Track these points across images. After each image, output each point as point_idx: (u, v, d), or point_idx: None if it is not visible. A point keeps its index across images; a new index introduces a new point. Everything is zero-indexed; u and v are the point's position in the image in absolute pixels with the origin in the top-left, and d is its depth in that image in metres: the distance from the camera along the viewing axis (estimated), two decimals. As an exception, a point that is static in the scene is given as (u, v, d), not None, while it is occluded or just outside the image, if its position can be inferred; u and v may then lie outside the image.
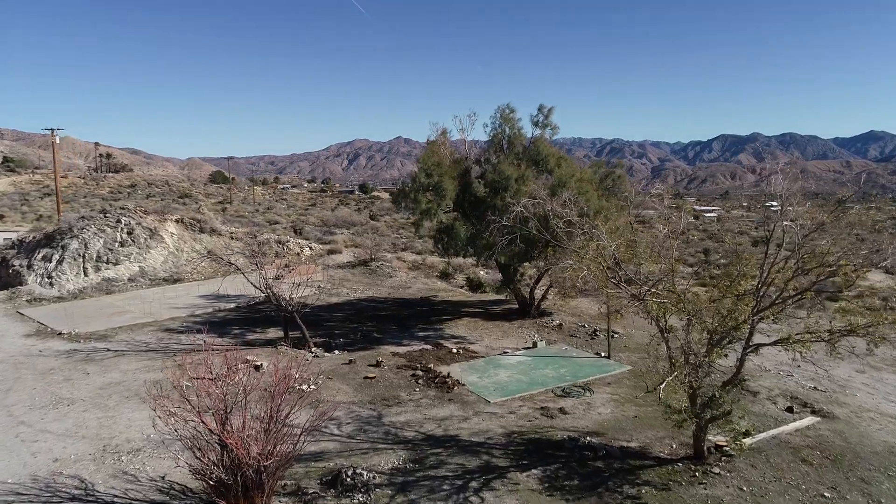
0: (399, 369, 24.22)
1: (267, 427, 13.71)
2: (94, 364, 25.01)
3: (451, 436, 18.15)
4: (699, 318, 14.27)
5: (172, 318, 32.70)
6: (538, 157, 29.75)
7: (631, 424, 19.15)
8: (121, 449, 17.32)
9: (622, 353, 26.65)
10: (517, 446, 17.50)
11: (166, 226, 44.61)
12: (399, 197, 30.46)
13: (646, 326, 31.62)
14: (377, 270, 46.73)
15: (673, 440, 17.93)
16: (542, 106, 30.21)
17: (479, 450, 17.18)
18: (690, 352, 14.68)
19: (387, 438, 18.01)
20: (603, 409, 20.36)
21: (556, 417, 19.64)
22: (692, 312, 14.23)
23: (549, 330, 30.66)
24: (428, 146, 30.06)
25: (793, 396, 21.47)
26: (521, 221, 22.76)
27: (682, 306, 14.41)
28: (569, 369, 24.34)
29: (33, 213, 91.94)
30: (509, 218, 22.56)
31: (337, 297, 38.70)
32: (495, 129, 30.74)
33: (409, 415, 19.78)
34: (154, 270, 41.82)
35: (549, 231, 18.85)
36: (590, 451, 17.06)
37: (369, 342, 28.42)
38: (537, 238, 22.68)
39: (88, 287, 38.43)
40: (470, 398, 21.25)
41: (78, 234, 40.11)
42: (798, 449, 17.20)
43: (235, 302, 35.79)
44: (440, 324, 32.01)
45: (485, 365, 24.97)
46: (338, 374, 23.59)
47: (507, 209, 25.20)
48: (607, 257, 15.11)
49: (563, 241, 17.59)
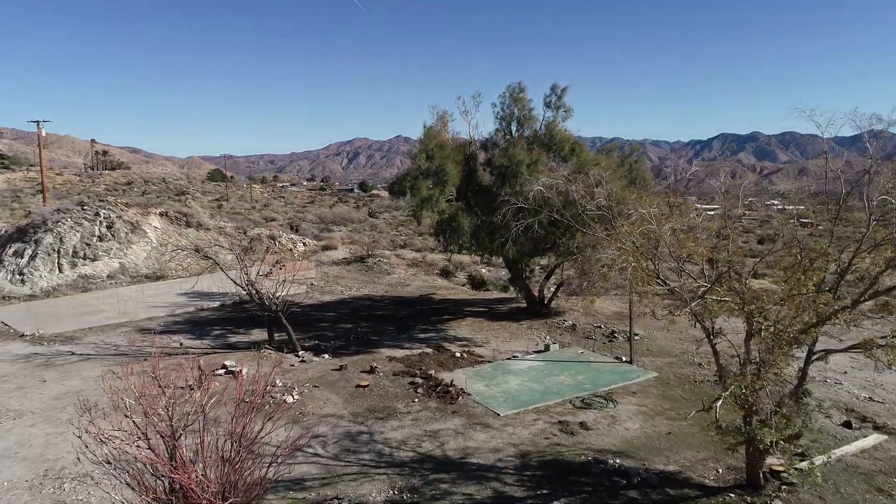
0: (396, 376, 21.49)
1: (228, 455, 10.98)
2: (54, 370, 22.30)
3: (455, 457, 15.43)
4: (765, 319, 11.46)
5: (149, 318, 30.00)
6: (551, 143, 27.02)
7: (665, 442, 16.41)
8: (65, 474, 14.63)
9: (645, 357, 23.91)
10: (534, 470, 14.77)
11: (149, 219, 41.88)
12: (397, 185, 27.70)
13: (668, 327, 28.99)
14: (374, 267, 44.01)
15: (718, 462, 15.19)
16: (555, 85, 27.42)
17: (488, 475, 14.45)
18: (749, 360, 11.88)
19: (379, 461, 15.28)
20: (630, 424, 17.62)
21: (576, 434, 16.91)
22: (757, 312, 11.41)
23: (561, 331, 27.92)
24: (426, 132, 27.16)
25: (848, 409, 18.73)
26: (539, 205, 19.98)
27: (746, 306, 11.60)
28: (587, 376, 21.60)
29: (23, 210, 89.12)
30: (525, 199, 19.73)
31: (330, 296, 35.96)
32: (504, 111, 27.96)
33: (407, 430, 17.06)
34: (136, 267, 39.09)
35: (574, 216, 16.13)
36: (621, 476, 14.33)
37: (364, 345, 25.69)
38: (559, 222, 19.85)
39: (63, 284, 35.72)
40: (476, 410, 18.53)
41: (53, 227, 37.39)
42: (870, 475, 14.44)
43: (220, 300, 33.08)
44: (442, 324, 29.27)
45: (492, 371, 22.24)
46: (326, 382, 20.86)
47: (517, 197, 22.46)
48: (651, 247, 12.30)
49: (592, 227, 14.78)
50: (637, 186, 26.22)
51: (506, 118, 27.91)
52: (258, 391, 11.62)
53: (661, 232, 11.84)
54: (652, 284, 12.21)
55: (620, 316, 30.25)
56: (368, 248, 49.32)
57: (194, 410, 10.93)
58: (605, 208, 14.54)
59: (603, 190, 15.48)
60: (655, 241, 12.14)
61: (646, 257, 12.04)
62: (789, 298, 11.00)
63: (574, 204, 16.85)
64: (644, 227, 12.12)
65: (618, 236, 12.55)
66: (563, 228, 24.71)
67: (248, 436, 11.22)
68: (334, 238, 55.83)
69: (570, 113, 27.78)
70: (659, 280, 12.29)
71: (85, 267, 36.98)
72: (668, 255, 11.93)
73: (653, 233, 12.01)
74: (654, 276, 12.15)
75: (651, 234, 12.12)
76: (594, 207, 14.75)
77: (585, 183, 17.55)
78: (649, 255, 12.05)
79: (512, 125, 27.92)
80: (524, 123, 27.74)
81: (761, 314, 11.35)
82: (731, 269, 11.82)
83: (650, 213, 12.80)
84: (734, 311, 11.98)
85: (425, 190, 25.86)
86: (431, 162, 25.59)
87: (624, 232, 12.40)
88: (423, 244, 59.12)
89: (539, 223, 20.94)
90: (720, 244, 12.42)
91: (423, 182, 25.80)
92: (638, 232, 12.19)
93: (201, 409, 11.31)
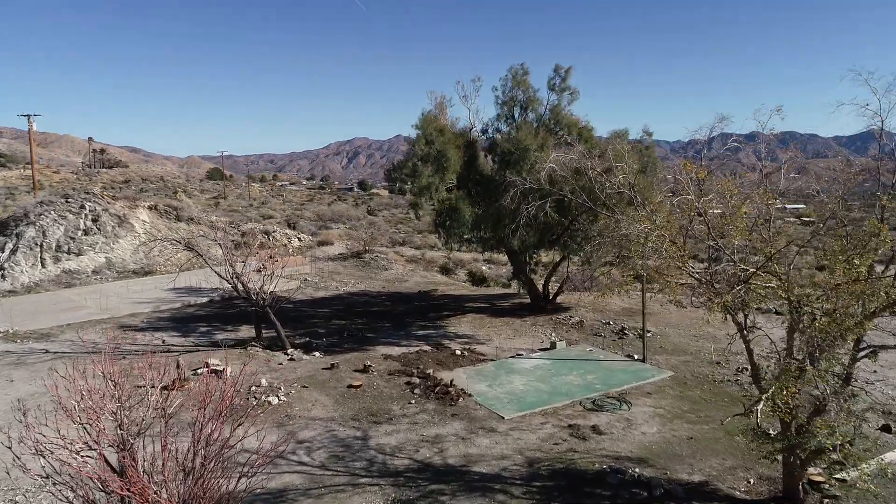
0: (391, 375, 19.94)
1: (192, 465, 9.43)
2: (24, 369, 20.77)
3: (456, 465, 13.88)
4: (820, 305, 9.83)
5: (132, 314, 28.45)
6: (557, 128, 25.46)
7: (687, 448, 14.86)
8: (19, 485, 13.08)
9: (659, 355, 22.34)
10: (544, 480, 13.23)
11: (137, 213, 40.30)
12: (396, 172, 26.10)
13: (681, 324, 27.41)
14: (371, 263, 42.43)
15: (748, 472, 13.66)
16: (558, 66, 25.89)
17: (493, 486, 12.91)
18: (793, 356, 10.30)
19: (371, 469, 13.73)
20: (647, 428, 16.07)
21: (589, 439, 15.36)
22: (807, 299, 9.80)
23: (567, 328, 26.35)
24: (424, 116, 25.47)
25: (885, 411, 17.22)
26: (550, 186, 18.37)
27: (794, 292, 9.97)
28: (598, 375, 20.04)
29: (15, 207, 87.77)
30: (537, 180, 18.12)
31: (324, 292, 34.38)
32: (506, 95, 26.34)
33: (402, 435, 15.50)
34: (123, 262, 37.52)
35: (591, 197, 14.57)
36: (641, 488, 12.79)
37: (357, 342, 24.14)
38: (568, 210, 18.26)
39: (46, 280, 34.16)
40: (479, 413, 16.98)
41: (35, 220, 35.82)
42: (922, 486, 12.88)
43: (208, 296, 31.53)
44: (441, 320, 27.72)
45: (495, 370, 20.68)
46: (316, 382, 19.30)
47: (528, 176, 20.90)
48: (685, 225, 10.68)
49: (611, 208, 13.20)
50: (648, 174, 24.61)
51: (508, 102, 26.29)
52: (227, 392, 10.05)
53: (704, 201, 10.17)
54: (685, 267, 10.57)
55: (630, 312, 28.68)
56: (366, 243, 47.75)
57: (151, 414, 9.41)
58: (627, 186, 12.94)
59: (626, 165, 13.84)
60: (690, 216, 10.53)
61: (681, 233, 10.43)
62: (849, 284, 9.40)
63: (591, 182, 15.27)
64: (683, 196, 10.50)
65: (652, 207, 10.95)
66: (572, 218, 23.20)
67: (217, 443, 9.68)
68: (331, 234, 54.28)
69: (576, 95, 26.22)
70: (689, 265, 10.68)
71: (69, 262, 35.42)
72: (707, 233, 10.28)
73: (690, 205, 10.34)
74: (688, 256, 10.54)
75: (688, 206, 10.46)
76: (615, 185, 13.14)
77: (604, 159, 15.93)
78: (683, 231, 10.44)
79: (515, 109, 26.31)
80: (528, 107, 26.14)
81: (815, 301, 9.73)
82: (777, 252, 10.19)
83: (691, 179, 11.15)
84: (781, 299, 10.35)
85: (425, 177, 24.29)
86: (431, 147, 24.01)
87: (658, 204, 10.81)
88: (422, 242, 57.57)
89: (550, 208, 19.27)
90: (761, 225, 10.81)
91: (423, 168, 24.22)
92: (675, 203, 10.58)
93: (163, 412, 9.80)
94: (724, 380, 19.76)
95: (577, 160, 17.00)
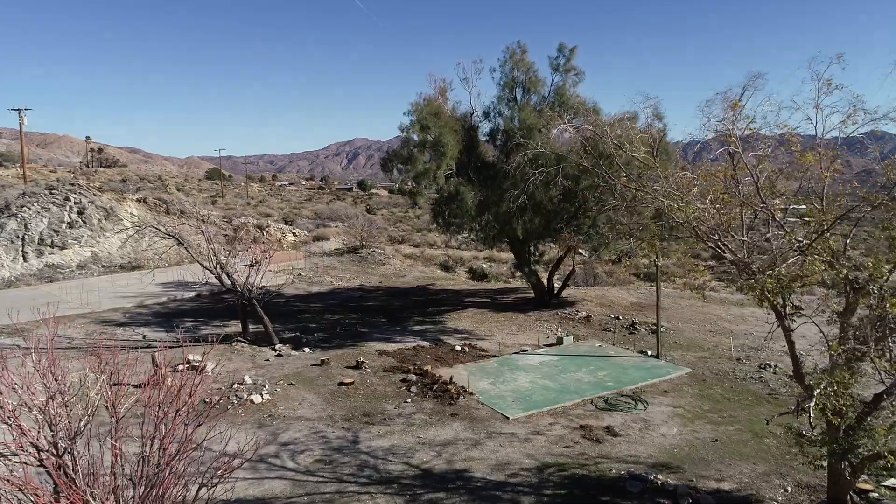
0: (386, 372, 18.45)
1: (142, 471, 7.97)
2: (-10, 365, 19.24)
3: (457, 470, 12.39)
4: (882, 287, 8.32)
5: (114, 308, 26.99)
6: (562, 110, 23.92)
7: (713, 452, 13.37)
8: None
9: (674, 351, 20.85)
10: (555, 488, 11.74)
11: (125, 206, 38.83)
12: (390, 160, 24.67)
13: (695, 318, 25.92)
14: (368, 258, 40.96)
15: (783, 478, 12.16)
16: (562, 45, 24.43)
17: (497, 495, 11.42)
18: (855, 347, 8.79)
19: (361, 475, 12.24)
20: (667, 429, 14.57)
21: (603, 442, 13.87)
22: (875, 276, 8.27)
23: (574, 323, 24.85)
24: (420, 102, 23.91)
25: (927, 411, 15.64)
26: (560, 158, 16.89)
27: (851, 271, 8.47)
28: (609, 373, 18.55)
29: None
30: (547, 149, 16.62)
31: (318, 286, 32.89)
32: (505, 76, 24.83)
33: (396, 437, 14.01)
34: (109, 256, 36.05)
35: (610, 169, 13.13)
36: (667, 497, 11.29)
37: (350, 337, 22.66)
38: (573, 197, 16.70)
39: (27, 274, 32.70)
40: (481, 412, 15.48)
41: (17, 212, 34.34)
42: (984, 496, 11.38)
43: (196, 290, 30.05)
44: (440, 316, 26.23)
45: (498, 367, 19.20)
46: (304, 379, 17.81)
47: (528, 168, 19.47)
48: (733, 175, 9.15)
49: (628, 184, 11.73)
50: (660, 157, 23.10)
51: (508, 84, 24.77)
52: (193, 387, 8.57)
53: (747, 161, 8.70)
54: (745, 209, 8.91)
55: (639, 307, 27.21)
56: (363, 238, 46.27)
57: (90, 413, 7.93)
58: (646, 160, 11.50)
59: (648, 136, 12.41)
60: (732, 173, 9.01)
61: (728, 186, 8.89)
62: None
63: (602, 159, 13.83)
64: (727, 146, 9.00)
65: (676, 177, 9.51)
66: (579, 204, 21.76)
67: (174, 445, 8.21)
68: (328, 229, 52.83)
69: (581, 76, 24.76)
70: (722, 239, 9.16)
71: (52, 255, 33.96)
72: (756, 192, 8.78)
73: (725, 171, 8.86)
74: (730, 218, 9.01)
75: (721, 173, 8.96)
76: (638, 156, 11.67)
77: (622, 127, 14.48)
78: (730, 182, 8.90)
79: (517, 91, 24.78)
80: (530, 89, 24.62)
81: (880, 279, 8.20)
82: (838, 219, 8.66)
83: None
84: (834, 277, 8.84)
85: (422, 164, 22.86)
86: (427, 133, 22.56)
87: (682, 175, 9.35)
88: (421, 240, 56.17)
89: (566, 176, 17.73)
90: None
91: (419, 155, 22.79)
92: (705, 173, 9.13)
93: (113, 410, 8.34)
94: (745, 377, 18.29)
95: (593, 130, 15.50)
